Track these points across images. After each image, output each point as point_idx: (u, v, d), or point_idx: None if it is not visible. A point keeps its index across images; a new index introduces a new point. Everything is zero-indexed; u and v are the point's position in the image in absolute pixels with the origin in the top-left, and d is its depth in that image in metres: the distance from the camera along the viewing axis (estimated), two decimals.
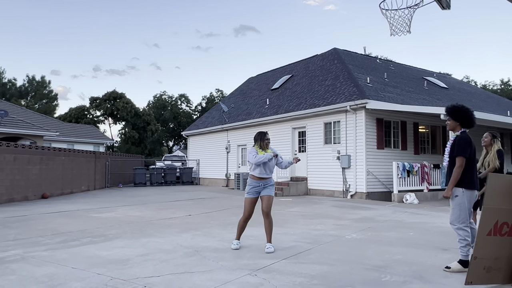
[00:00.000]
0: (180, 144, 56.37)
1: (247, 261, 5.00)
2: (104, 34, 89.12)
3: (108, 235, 6.83)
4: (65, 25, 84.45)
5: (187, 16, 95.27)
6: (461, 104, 4.72)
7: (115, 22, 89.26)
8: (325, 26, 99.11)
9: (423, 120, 15.48)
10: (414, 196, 12.51)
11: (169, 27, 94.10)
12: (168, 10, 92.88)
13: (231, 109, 22.73)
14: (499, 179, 4.03)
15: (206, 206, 11.61)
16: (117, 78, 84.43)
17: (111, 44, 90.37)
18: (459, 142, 4.51)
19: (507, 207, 3.98)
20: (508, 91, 42.49)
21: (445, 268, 4.55)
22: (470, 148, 4.48)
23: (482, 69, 78.14)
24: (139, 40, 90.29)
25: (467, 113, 4.60)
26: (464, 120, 4.59)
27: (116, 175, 21.54)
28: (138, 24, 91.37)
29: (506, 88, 44.52)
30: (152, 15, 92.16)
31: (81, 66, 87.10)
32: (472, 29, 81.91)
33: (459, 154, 4.46)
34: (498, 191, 3.95)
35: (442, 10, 5.15)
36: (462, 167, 4.45)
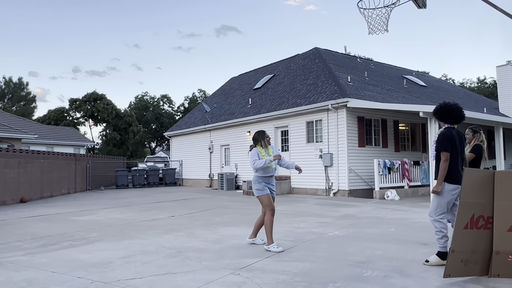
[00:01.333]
0: (162, 145, 55.91)
1: (230, 260, 5.00)
2: (83, 34, 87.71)
3: (89, 238, 6.73)
4: (43, 26, 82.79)
5: (168, 16, 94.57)
6: (446, 102, 4.83)
7: (95, 23, 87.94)
8: (306, 26, 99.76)
9: (403, 118, 15.74)
10: (395, 192, 12.71)
11: (150, 27, 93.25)
12: (149, 10, 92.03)
13: (213, 109, 22.66)
14: (474, 173, 4.13)
15: (189, 207, 11.55)
16: (97, 79, 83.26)
17: (91, 45, 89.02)
18: (439, 138, 4.64)
19: (483, 201, 4.09)
20: (484, 89, 43.55)
21: (424, 262, 4.65)
22: (452, 143, 4.57)
23: (460, 67, 79.95)
24: (119, 41, 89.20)
25: (444, 109, 4.70)
26: (446, 117, 4.70)
27: (97, 177, 21.22)
28: (118, 24, 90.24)
29: (483, 86, 45.63)
30: (132, 16, 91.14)
31: (60, 67, 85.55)
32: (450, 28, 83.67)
33: (441, 149, 4.58)
34: (474, 185, 4.06)
35: (418, 9, 5.25)
36: (447, 161, 4.54)
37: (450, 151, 4.55)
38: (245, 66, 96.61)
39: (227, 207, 11.35)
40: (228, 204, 12.18)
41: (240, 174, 18.67)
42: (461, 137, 4.76)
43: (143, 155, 48.60)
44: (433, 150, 4.77)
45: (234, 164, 19.14)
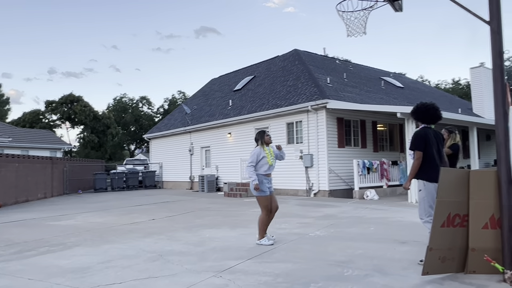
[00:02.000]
0: (142, 147, 55.20)
1: (212, 263, 4.98)
2: (59, 35, 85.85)
3: (67, 243, 6.59)
4: (17, 26, 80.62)
5: (146, 17, 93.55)
6: (423, 102, 4.91)
7: (71, 23, 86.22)
8: (286, 27, 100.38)
9: (381, 118, 16.01)
10: (374, 192, 12.91)
11: (128, 28, 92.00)
12: (126, 11, 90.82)
13: (193, 111, 22.53)
14: (450, 173, 4.24)
15: (170, 209, 11.45)
16: (74, 81, 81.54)
17: (67, 46, 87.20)
18: (413, 137, 4.75)
19: (459, 200, 4.20)
20: (458, 90, 44.71)
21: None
22: (425, 142, 4.64)
23: (435, 69, 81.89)
24: (96, 42, 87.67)
25: (420, 109, 4.80)
26: (423, 117, 4.80)
27: (75, 181, 20.79)
28: (95, 25, 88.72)
29: (457, 87, 46.84)
30: (109, 16, 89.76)
31: (35, 68, 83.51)
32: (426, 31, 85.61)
33: (413, 148, 4.68)
34: (450, 185, 4.16)
35: (395, 12, 5.36)
36: (418, 160, 4.62)
37: (423, 150, 4.63)
38: (225, 68, 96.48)
39: (208, 209, 11.30)
40: (209, 206, 12.13)
41: (221, 176, 18.61)
42: (438, 136, 4.86)
43: (122, 158, 47.87)
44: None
45: (215, 166, 19.07)
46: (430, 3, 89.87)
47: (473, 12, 4.48)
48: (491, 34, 4.30)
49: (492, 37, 4.29)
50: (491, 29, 4.29)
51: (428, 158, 4.65)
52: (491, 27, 4.29)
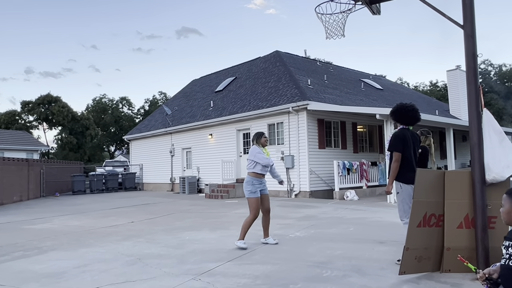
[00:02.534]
0: (122, 149, 54.43)
1: (191, 265, 4.93)
2: (37, 34, 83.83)
3: (42, 247, 6.43)
4: None
5: (126, 17, 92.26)
6: (402, 103, 4.94)
7: (49, 22, 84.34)
8: (267, 29, 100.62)
9: (361, 120, 16.20)
10: (354, 193, 13.05)
11: (108, 28, 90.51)
12: (106, 10, 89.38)
13: (174, 112, 22.34)
14: (426, 174, 4.32)
15: (150, 212, 11.31)
16: (52, 81, 79.74)
17: (45, 45, 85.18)
18: (391, 139, 4.79)
19: (435, 200, 4.28)
20: (436, 92, 45.70)
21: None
22: (403, 143, 4.67)
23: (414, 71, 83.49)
24: (75, 41, 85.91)
25: (400, 111, 4.84)
26: (399, 118, 4.84)
27: (52, 183, 20.32)
28: (74, 24, 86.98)
29: (434, 89, 47.87)
30: (89, 15, 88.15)
31: (11, 68, 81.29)
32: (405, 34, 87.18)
33: (391, 149, 4.71)
34: (426, 185, 4.24)
35: (373, 15, 5.42)
36: (397, 161, 4.64)
37: (401, 151, 4.66)
38: (206, 69, 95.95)
39: (188, 211, 11.21)
40: (190, 208, 12.03)
41: (202, 178, 18.51)
42: (415, 138, 4.92)
43: (102, 159, 47.06)
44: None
45: (196, 168, 18.95)
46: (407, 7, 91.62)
47: (448, 16, 4.58)
48: (465, 37, 4.40)
49: (466, 40, 4.39)
50: (465, 32, 4.39)
51: (405, 160, 4.68)
52: (465, 31, 4.39)
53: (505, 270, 2.23)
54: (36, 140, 34.66)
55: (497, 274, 2.31)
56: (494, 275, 2.31)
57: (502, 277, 2.25)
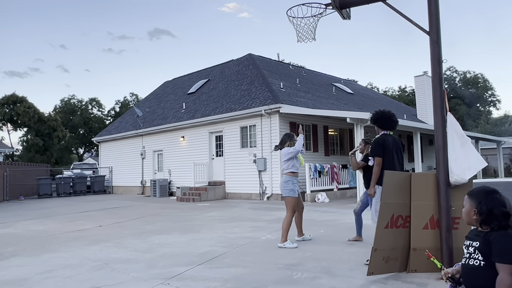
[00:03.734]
0: (91, 151, 53.04)
1: (160, 270, 4.84)
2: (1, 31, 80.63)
3: (3, 253, 6.15)
4: None
5: (97, 17, 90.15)
6: (382, 110, 5.15)
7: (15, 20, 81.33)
8: (240, 32, 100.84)
9: (332, 123, 16.44)
10: (325, 195, 13.20)
11: (77, 27, 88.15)
12: (76, 9, 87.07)
13: (146, 113, 21.97)
14: (394, 176, 4.41)
15: (119, 215, 11.05)
16: (18, 81, 76.82)
17: (10, 44, 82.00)
18: (372, 145, 4.97)
19: (402, 201, 4.37)
20: (404, 97, 46.98)
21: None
22: (383, 148, 4.86)
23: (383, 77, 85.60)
24: (43, 40, 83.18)
25: (382, 117, 5.05)
26: (380, 123, 5.05)
27: (16, 186, 19.55)
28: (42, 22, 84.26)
29: (403, 94, 49.22)
30: (58, 14, 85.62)
31: None
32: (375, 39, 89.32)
33: (373, 155, 4.93)
34: (393, 187, 4.32)
35: (343, 20, 5.51)
36: (379, 166, 4.85)
37: (382, 156, 4.84)
38: (179, 70, 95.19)
39: (159, 214, 11.03)
40: (160, 211, 11.84)
41: (174, 180, 18.27)
42: (397, 142, 5.06)
43: (70, 162, 45.63)
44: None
45: (168, 170, 18.69)
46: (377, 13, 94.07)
47: (415, 23, 4.71)
48: (430, 43, 4.54)
49: (432, 46, 4.53)
50: (431, 39, 4.53)
51: (385, 164, 4.85)
52: (431, 37, 4.53)
53: (465, 269, 2.30)
54: (0, 142, 33.28)
55: (459, 274, 2.37)
56: (457, 275, 2.37)
57: (463, 276, 2.32)
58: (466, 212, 2.36)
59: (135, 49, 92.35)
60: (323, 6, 5.14)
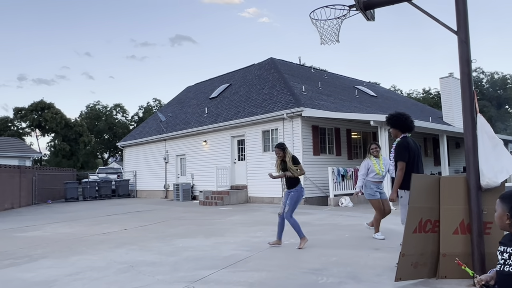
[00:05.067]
0: (116, 156, 54.10)
1: (184, 273, 4.86)
2: (30, 41, 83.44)
3: (33, 255, 6.31)
4: None
5: (120, 24, 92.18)
6: (397, 112, 5.09)
7: (42, 28, 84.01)
8: (261, 37, 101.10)
9: (355, 126, 16.24)
10: (349, 199, 13.02)
11: (102, 35, 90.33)
12: (100, 17, 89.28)
13: (169, 118, 22.26)
14: (421, 179, 4.30)
15: (143, 219, 11.20)
16: (45, 88, 79.27)
17: (38, 52, 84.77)
18: (397, 148, 4.87)
19: (430, 206, 4.26)
20: (429, 99, 46.05)
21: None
22: (408, 152, 4.78)
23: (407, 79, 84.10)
24: (69, 49, 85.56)
25: (401, 119, 4.95)
26: (401, 126, 4.96)
27: (44, 190, 20.10)
28: (68, 31, 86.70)
29: (427, 96, 48.25)
30: (83, 22, 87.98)
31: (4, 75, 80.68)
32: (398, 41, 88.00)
33: (398, 159, 4.82)
34: (421, 191, 4.22)
35: (367, 21, 5.44)
36: (402, 170, 4.76)
37: (406, 160, 4.75)
38: (201, 75, 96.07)
39: (182, 218, 11.11)
40: (184, 215, 11.93)
41: (197, 184, 18.40)
42: (417, 145, 5.01)
43: (95, 167, 46.68)
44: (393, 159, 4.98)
45: (190, 174, 18.84)
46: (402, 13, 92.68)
47: (442, 23, 4.60)
48: (459, 43, 4.42)
49: (460, 46, 4.41)
50: (459, 38, 4.41)
51: (408, 167, 4.77)
52: (459, 37, 4.41)
53: (500, 276, 2.21)
54: (29, 147, 34.36)
55: (493, 280, 2.28)
56: (491, 282, 2.28)
57: (498, 283, 2.22)
58: (499, 217, 2.27)
59: (157, 56, 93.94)
60: (346, 8, 5.09)
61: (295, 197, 6.29)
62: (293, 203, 6.27)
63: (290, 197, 6.30)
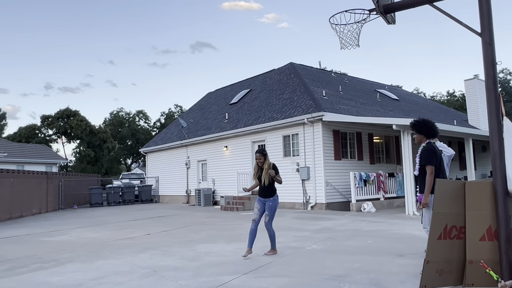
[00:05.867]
0: (138, 161, 54.97)
1: (206, 278, 4.89)
2: (55, 51, 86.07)
3: (59, 259, 6.48)
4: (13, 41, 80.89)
5: (142, 32, 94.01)
6: (422, 118, 5.16)
7: (67, 39, 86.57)
8: (280, 42, 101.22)
9: (377, 130, 16.04)
10: (371, 204, 12.84)
11: (124, 44, 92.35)
12: (123, 27, 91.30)
13: (190, 124, 22.52)
14: (446, 184, 4.21)
15: (165, 224, 11.33)
16: (71, 96, 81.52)
17: (64, 61, 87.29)
18: (424, 153, 4.87)
19: (455, 211, 4.16)
20: (453, 102, 45.00)
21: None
22: (435, 156, 4.82)
23: (430, 81, 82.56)
24: (92, 57, 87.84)
25: (428, 125, 5.01)
26: (427, 132, 5.00)
27: (70, 195, 20.62)
28: (91, 40, 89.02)
29: (452, 99, 47.17)
30: (105, 31, 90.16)
31: (31, 84, 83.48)
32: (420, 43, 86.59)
33: (427, 163, 4.81)
34: (446, 196, 4.12)
35: (388, 25, 5.39)
36: (432, 174, 4.75)
37: (434, 164, 4.76)
38: (221, 81, 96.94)
39: (204, 223, 11.19)
40: (205, 220, 12.02)
41: (218, 190, 18.51)
42: (439, 150, 5.05)
43: (119, 172, 47.57)
44: (417, 164, 4.96)
45: (212, 180, 18.98)
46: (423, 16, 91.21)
47: (466, 25, 4.52)
48: (483, 45, 4.33)
49: (484, 48, 4.31)
50: (483, 40, 4.32)
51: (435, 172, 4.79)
52: (483, 39, 4.32)
53: None
54: (55, 153, 35.33)
55: None
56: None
57: None
58: None
59: (178, 62, 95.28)
60: (366, 12, 5.05)
61: (274, 206, 6.23)
62: (273, 212, 6.22)
63: (270, 207, 6.21)
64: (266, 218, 6.19)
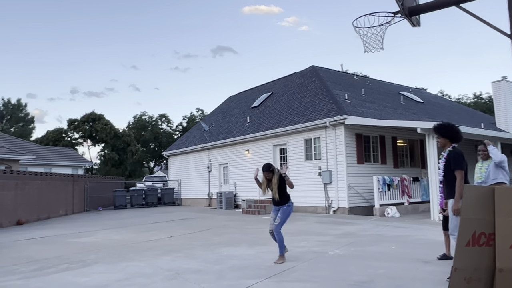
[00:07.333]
0: (161, 164, 55.71)
1: (229, 281, 4.91)
2: (81, 56, 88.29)
3: (86, 260, 6.63)
4: (41, 47, 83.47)
5: (164, 37, 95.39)
6: (447, 122, 5.09)
7: (92, 44, 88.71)
8: (301, 45, 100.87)
9: (401, 134, 15.76)
10: (395, 209, 12.62)
11: (147, 49, 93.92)
12: (145, 32, 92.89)
13: (212, 128, 22.69)
14: (474, 190, 4.10)
15: (188, 227, 11.43)
16: (96, 100, 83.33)
17: (89, 66, 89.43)
18: (454, 157, 4.77)
19: (484, 218, 4.04)
20: (480, 104, 43.79)
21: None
22: (464, 161, 4.77)
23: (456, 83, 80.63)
24: (117, 62, 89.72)
25: (453, 129, 4.92)
26: (452, 136, 4.93)
27: (95, 198, 21.07)
28: (115, 46, 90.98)
29: (479, 101, 45.91)
30: (128, 37, 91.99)
31: (58, 88, 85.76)
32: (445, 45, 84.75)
33: (457, 168, 4.72)
34: (474, 202, 4.02)
35: (413, 27, 5.31)
36: (463, 179, 4.69)
37: (464, 169, 4.70)
38: (242, 85, 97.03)
39: (226, 226, 11.24)
40: (227, 223, 12.06)
41: (239, 193, 18.56)
42: None
43: (142, 175, 48.34)
44: (441, 169, 4.88)
45: (233, 183, 19.05)
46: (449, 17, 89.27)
47: (494, 26, 4.41)
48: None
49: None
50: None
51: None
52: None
53: None
54: (81, 156, 36.19)
55: None
56: None
57: None
58: None
59: (199, 67, 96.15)
60: (391, 15, 5.00)
61: (287, 211, 6.11)
62: (285, 216, 6.08)
63: (283, 210, 6.09)
64: (277, 220, 6.08)
